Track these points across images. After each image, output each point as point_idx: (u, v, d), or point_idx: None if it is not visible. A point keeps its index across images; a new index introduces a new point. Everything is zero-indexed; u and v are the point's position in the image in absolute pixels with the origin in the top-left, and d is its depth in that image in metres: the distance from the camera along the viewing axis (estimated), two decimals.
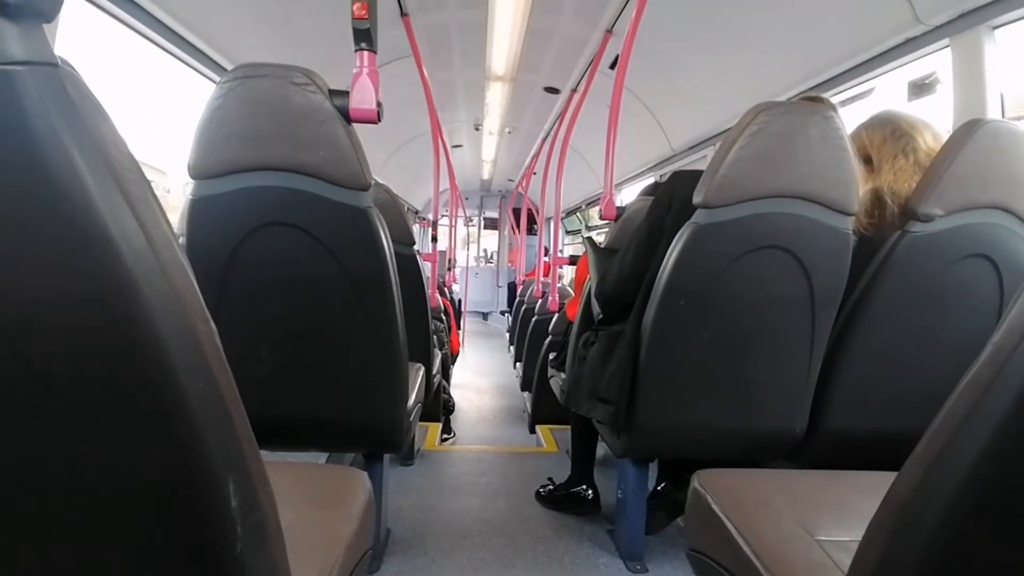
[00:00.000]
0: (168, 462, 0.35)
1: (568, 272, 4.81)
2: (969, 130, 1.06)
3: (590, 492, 1.71)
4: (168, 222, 0.34)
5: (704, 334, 1.16)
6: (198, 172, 0.99)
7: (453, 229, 5.99)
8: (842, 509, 0.77)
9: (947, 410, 0.39)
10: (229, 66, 1.96)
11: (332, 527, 0.67)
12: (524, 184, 5.85)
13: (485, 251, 10.17)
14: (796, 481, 0.88)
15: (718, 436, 1.26)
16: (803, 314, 1.14)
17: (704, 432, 1.26)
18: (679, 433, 1.26)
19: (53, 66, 0.28)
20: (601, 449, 1.72)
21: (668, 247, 1.13)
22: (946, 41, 1.53)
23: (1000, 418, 0.34)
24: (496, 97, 4.11)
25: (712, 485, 0.82)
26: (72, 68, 0.30)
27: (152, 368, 0.32)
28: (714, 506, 0.78)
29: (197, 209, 1.00)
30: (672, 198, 1.19)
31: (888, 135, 1.19)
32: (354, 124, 1.03)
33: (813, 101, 1.22)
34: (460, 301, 6.60)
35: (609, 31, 2.66)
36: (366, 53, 1.03)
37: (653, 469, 1.71)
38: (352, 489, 0.78)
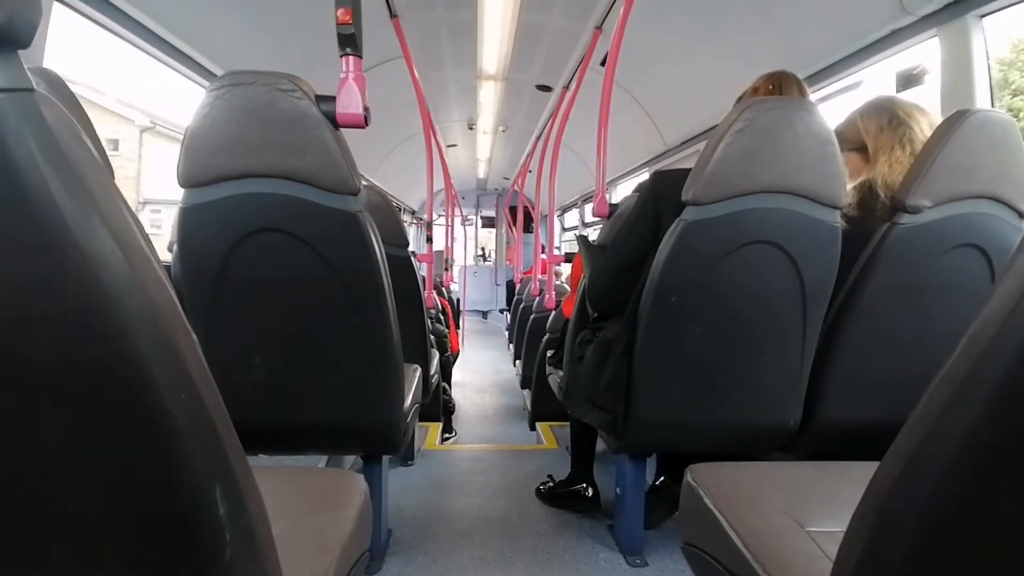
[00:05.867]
0: (155, 473, 0.35)
1: (566, 269, 4.82)
2: (955, 121, 1.06)
3: (590, 490, 1.72)
4: (146, 237, 0.34)
5: (696, 330, 1.16)
6: (187, 181, 1.00)
7: (450, 229, 5.99)
8: (833, 500, 0.78)
9: (925, 402, 0.39)
10: (219, 72, 1.97)
11: (327, 531, 0.68)
12: (520, 182, 5.85)
13: (483, 249, 10.17)
14: (787, 473, 0.88)
15: (713, 430, 1.27)
16: (794, 308, 1.14)
17: (699, 427, 1.26)
18: (674, 428, 1.27)
19: (30, 91, 0.29)
20: (601, 445, 1.73)
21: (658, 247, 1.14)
22: (934, 31, 1.53)
23: (978, 409, 0.34)
24: (489, 96, 4.11)
25: (704, 479, 0.83)
26: (47, 93, 0.30)
27: (134, 383, 0.33)
28: (706, 500, 0.79)
29: (187, 218, 1.01)
30: (657, 201, 1.18)
31: (885, 124, 1.17)
32: (343, 129, 1.03)
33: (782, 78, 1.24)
34: (458, 300, 6.60)
35: (599, 28, 2.66)
36: (352, 58, 1.03)
37: (652, 464, 1.72)
38: (347, 492, 0.78)
